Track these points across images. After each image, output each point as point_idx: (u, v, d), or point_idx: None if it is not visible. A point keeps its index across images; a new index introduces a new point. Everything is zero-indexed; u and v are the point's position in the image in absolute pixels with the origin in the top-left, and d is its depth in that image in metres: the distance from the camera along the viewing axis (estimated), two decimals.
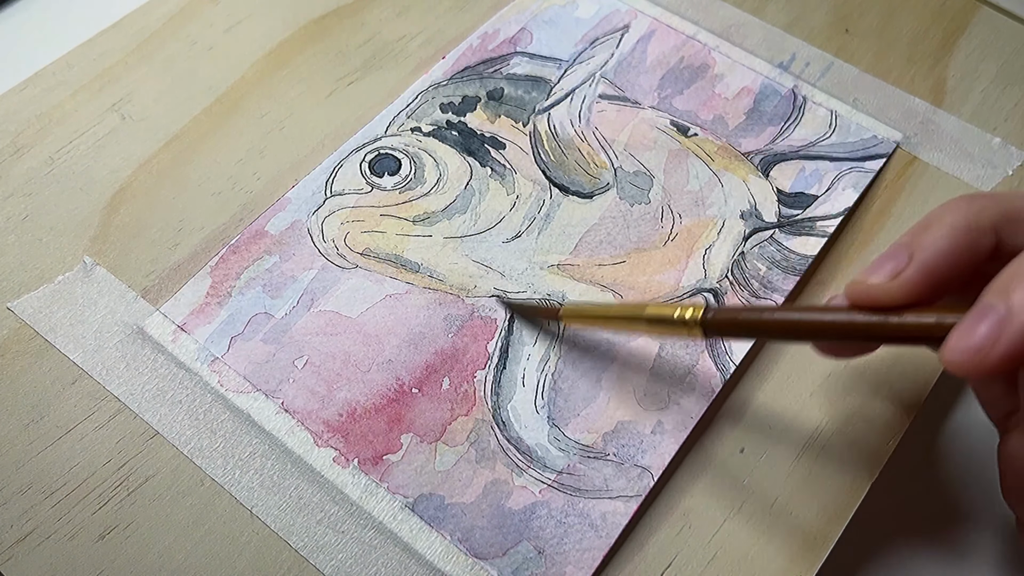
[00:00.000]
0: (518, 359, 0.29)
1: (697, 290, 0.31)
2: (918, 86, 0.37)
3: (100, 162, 0.32)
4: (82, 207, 0.31)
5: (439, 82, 0.35)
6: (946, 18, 0.39)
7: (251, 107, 0.34)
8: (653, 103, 0.35)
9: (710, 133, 0.35)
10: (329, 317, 0.29)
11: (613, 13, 0.38)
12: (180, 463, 0.27)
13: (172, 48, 0.36)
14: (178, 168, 0.32)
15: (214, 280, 0.30)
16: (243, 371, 0.28)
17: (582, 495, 0.27)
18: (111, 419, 0.27)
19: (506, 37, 0.37)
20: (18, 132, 0.33)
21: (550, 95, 0.35)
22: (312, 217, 0.31)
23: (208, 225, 0.31)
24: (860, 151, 0.34)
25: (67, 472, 0.26)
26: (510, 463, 0.27)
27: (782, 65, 0.37)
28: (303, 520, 0.26)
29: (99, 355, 0.28)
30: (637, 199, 0.33)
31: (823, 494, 0.27)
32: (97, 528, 0.25)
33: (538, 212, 0.32)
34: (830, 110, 0.35)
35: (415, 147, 0.33)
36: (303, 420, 0.27)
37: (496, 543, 0.26)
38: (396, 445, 0.27)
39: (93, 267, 0.30)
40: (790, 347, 0.30)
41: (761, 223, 0.32)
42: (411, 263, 0.31)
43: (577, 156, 0.34)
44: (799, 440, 0.28)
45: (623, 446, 0.27)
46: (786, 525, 0.27)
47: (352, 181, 0.32)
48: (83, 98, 0.34)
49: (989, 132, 0.36)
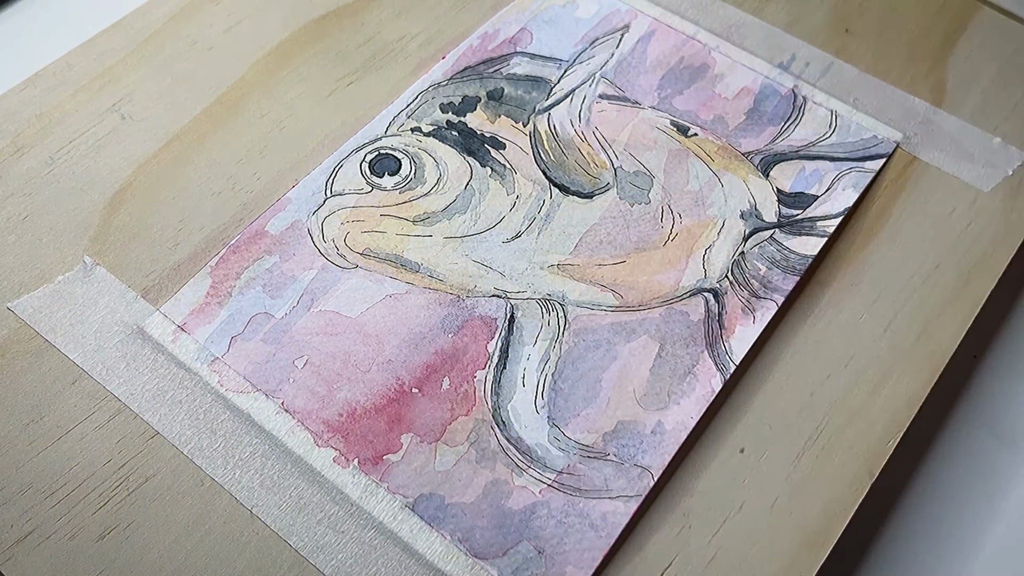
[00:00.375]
0: (518, 359, 0.29)
1: (697, 290, 0.31)
2: (918, 86, 0.37)
3: (100, 162, 0.32)
4: (82, 207, 0.31)
5: (439, 82, 0.35)
6: (946, 18, 0.39)
7: (251, 107, 0.34)
8: (653, 103, 0.35)
9: (710, 133, 0.35)
10: (329, 317, 0.29)
11: (613, 13, 0.38)
12: (180, 463, 0.27)
13: (172, 48, 0.36)
14: (178, 168, 0.32)
15: (214, 280, 0.30)
16: (243, 371, 0.28)
17: (582, 495, 0.27)
18: (111, 419, 0.27)
19: (506, 37, 0.37)
20: (18, 132, 0.33)
21: (550, 95, 0.35)
22: (312, 217, 0.31)
23: (208, 225, 0.31)
24: (860, 151, 0.34)
25: (67, 472, 0.26)
26: (510, 463, 0.27)
27: (782, 65, 0.37)
28: (303, 520, 0.26)
29: (99, 355, 0.28)
30: (637, 199, 0.33)
31: (823, 494, 0.27)
32: (97, 528, 0.25)
33: (538, 212, 0.32)
34: (830, 110, 0.35)
35: (415, 147, 0.33)
36: (303, 420, 0.27)
37: (496, 543, 0.26)
38: (396, 445, 0.27)
39: (93, 267, 0.30)
40: (790, 347, 0.30)
41: (761, 223, 0.32)
42: (411, 263, 0.31)
43: (577, 156, 0.34)
44: (799, 440, 0.28)
45: (623, 446, 0.27)
46: (786, 525, 0.27)
47: (352, 181, 0.32)
48: (83, 98, 0.34)
49: (989, 132, 0.36)
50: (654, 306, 0.30)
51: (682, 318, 0.30)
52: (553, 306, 0.30)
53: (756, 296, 0.31)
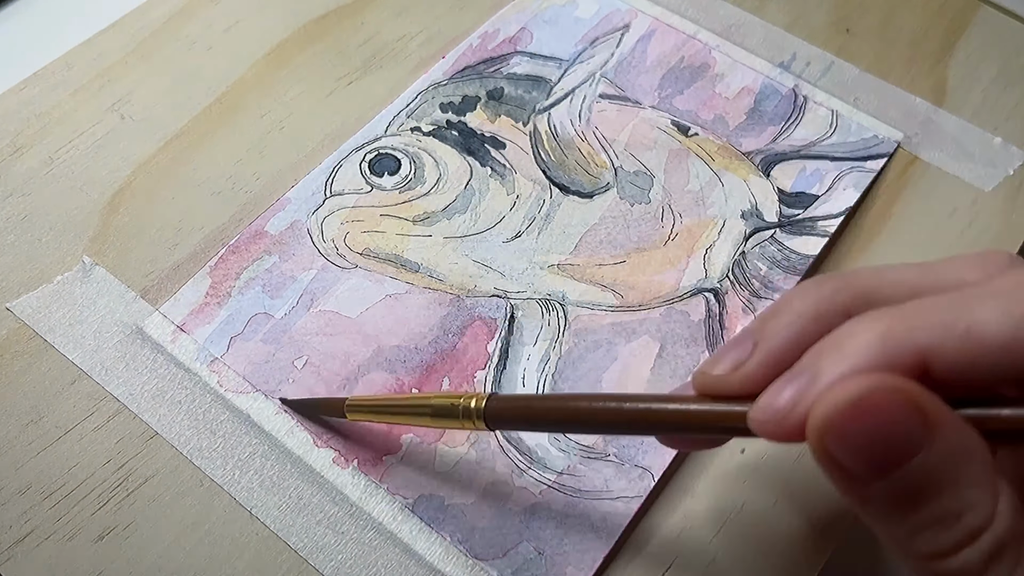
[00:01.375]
0: (518, 359, 0.29)
1: (698, 290, 0.31)
2: (919, 86, 0.37)
3: (99, 162, 0.32)
4: (81, 207, 0.31)
5: (439, 82, 0.35)
6: (947, 18, 0.39)
7: (251, 107, 0.34)
8: (653, 103, 0.35)
9: (711, 133, 0.34)
10: (329, 317, 0.29)
11: (613, 12, 0.38)
12: (179, 463, 0.27)
13: (172, 48, 0.36)
14: (178, 168, 0.32)
15: (214, 280, 0.30)
16: (243, 371, 0.28)
17: (582, 496, 0.27)
18: (110, 419, 0.27)
19: (506, 37, 0.37)
20: (17, 132, 0.33)
21: (550, 95, 0.35)
22: (312, 217, 0.31)
23: (208, 225, 0.31)
24: (861, 151, 0.34)
25: (66, 472, 0.26)
26: (510, 464, 0.27)
27: (783, 65, 0.37)
28: (303, 521, 0.26)
29: (98, 355, 0.28)
30: (637, 199, 0.33)
31: (824, 495, 0.27)
32: (96, 529, 0.25)
33: (538, 212, 0.32)
34: (831, 110, 0.35)
35: (415, 147, 0.33)
36: (303, 420, 0.27)
37: (496, 544, 0.26)
38: (396, 446, 0.27)
39: (92, 267, 0.30)
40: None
41: (762, 223, 0.32)
42: (411, 263, 0.31)
43: (577, 156, 0.34)
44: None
45: (623, 447, 0.27)
46: (787, 526, 0.27)
47: (352, 181, 0.32)
48: (82, 98, 0.34)
49: (990, 132, 0.35)
50: (654, 306, 0.30)
51: (683, 318, 0.30)
52: (553, 306, 0.30)
53: (757, 296, 0.30)
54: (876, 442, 0.17)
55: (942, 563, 0.17)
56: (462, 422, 0.23)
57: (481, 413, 0.22)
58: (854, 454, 0.17)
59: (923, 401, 0.17)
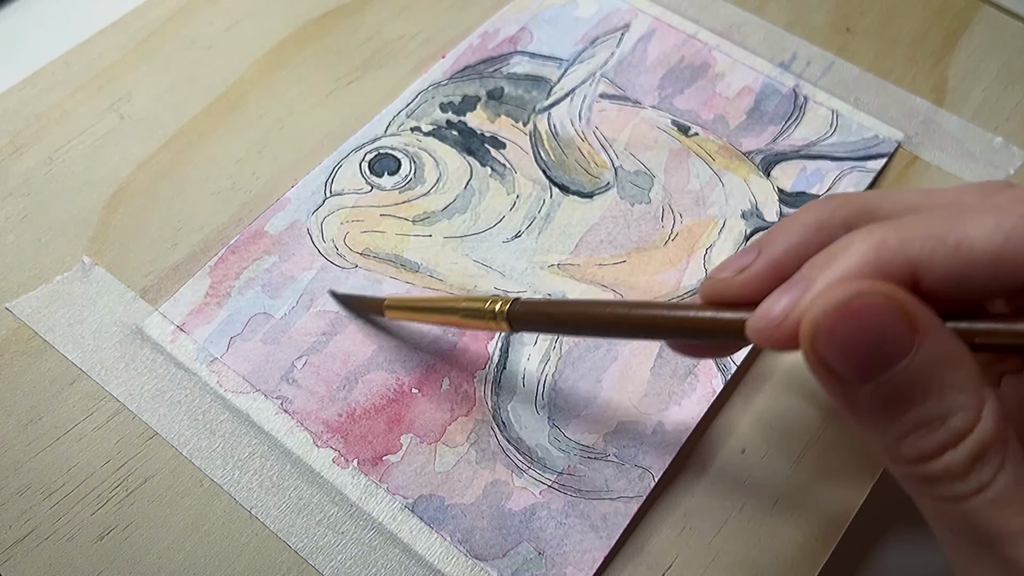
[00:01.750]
0: (518, 359, 0.29)
1: (698, 290, 0.31)
2: (919, 85, 0.37)
3: (99, 162, 0.32)
4: (81, 207, 0.31)
5: (439, 81, 0.35)
6: (947, 17, 0.39)
7: (250, 107, 0.34)
8: (654, 102, 0.35)
9: (711, 132, 0.34)
10: (329, 317, 0.29)
11: (613, 12, 0.38)
12: (179, 464, 0.26)
13: (171, 47, 0.36)
14: (177, 168, 0.32)
15: (213, 280, 0.30)
16: (242, 371, 0.28)
17: (583, 496, 0.27)
18: (110, 419, 0.27)
19: (506, 36, 0.37)
20: (17, 132, 0.33)
21: (550, 94, 0.35)
22: (312, 217, 0.31)
23: (207, 225, 0.31)
24: (861, 150, 0.34)
25: (66, 472, 0.26)
26: (510, 464, 0.27)
27: (783, 64, 0.37)
28: (302, 521, 0.26)
29: (98, 355, 0.28)
30: (638, 199, 0.33)
31: (824, 495, 0.27)
32: (96, 529, 0.25)
33: (538, 212, 0.32)
34: (831, 109, 0.35)
35: (415, 147, 0.33)
36: (302, 420, 0.27)
37: (496, 544, 0.26)
38: (396, 446, 0.27)
39: (92, 267, 0.30)
40: None
41: (762, 222, 0.32)
42: (411, 263, 0.31)
43: (577, 155, 0.33)
44: (800, 441, 0.28)
45: (624, 447, 0.27)
46: (787, 526, 0.27)
47: (352, 181, 0.32)
48: (82, 97, 0.34)
49: (991, 131, 0.35)
50: None
51: None
52: None
53: None
54: (863, 344, 0.17)
55: (927, 465, 0.17)
56: (487, 322, 0.25)
57: (505, 315, 0.24)
58: (843, 356, 0.17)
59: (910, 306, 0.17)
